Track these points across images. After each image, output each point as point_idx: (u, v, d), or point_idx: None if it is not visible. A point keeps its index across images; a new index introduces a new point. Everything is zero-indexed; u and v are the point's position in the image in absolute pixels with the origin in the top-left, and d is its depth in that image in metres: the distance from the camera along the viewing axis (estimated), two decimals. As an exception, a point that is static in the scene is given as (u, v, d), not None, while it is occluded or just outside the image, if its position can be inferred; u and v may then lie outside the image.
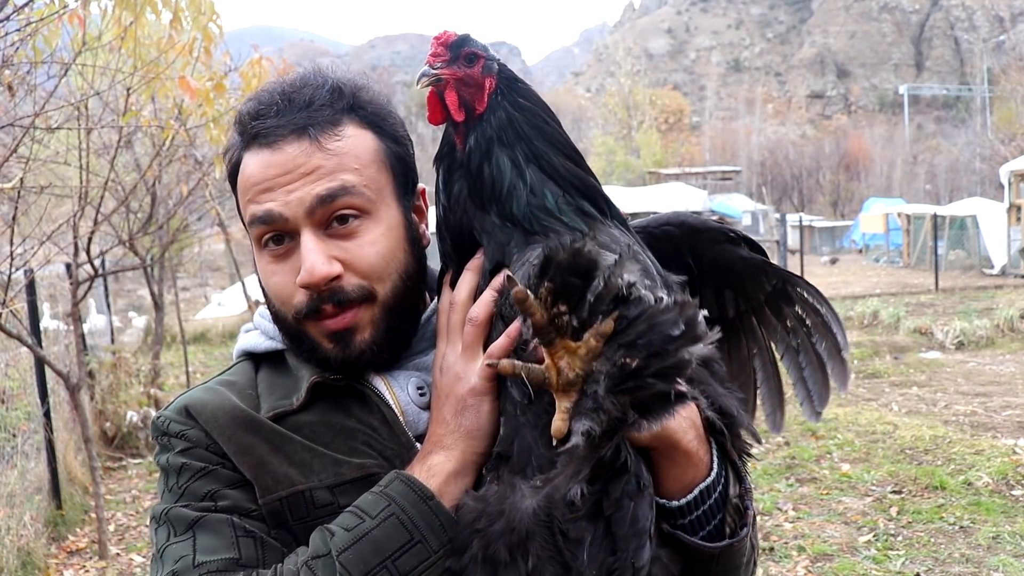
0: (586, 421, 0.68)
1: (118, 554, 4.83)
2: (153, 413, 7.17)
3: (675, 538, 0.83)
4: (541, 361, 0.72)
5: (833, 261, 26.79)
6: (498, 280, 0.87)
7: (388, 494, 0.83)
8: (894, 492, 5.18)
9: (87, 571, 4.59)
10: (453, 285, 0.94)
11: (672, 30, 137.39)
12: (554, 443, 0.73)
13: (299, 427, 0.93)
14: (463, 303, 0.90)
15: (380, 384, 0.97)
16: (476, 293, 0.91)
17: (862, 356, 9.92)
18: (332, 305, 0.92)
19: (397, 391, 0.97)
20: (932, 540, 4.42)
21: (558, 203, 0.86)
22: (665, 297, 0.67)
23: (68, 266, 5.55)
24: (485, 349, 0.87)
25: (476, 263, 0.91)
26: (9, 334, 4.28)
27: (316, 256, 0.90)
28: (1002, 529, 4.47)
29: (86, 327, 7.80)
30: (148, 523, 0.96)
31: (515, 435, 0.81)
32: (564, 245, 0.68)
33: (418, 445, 0.92)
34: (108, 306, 10.39)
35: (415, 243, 0.99)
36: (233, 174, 0.99)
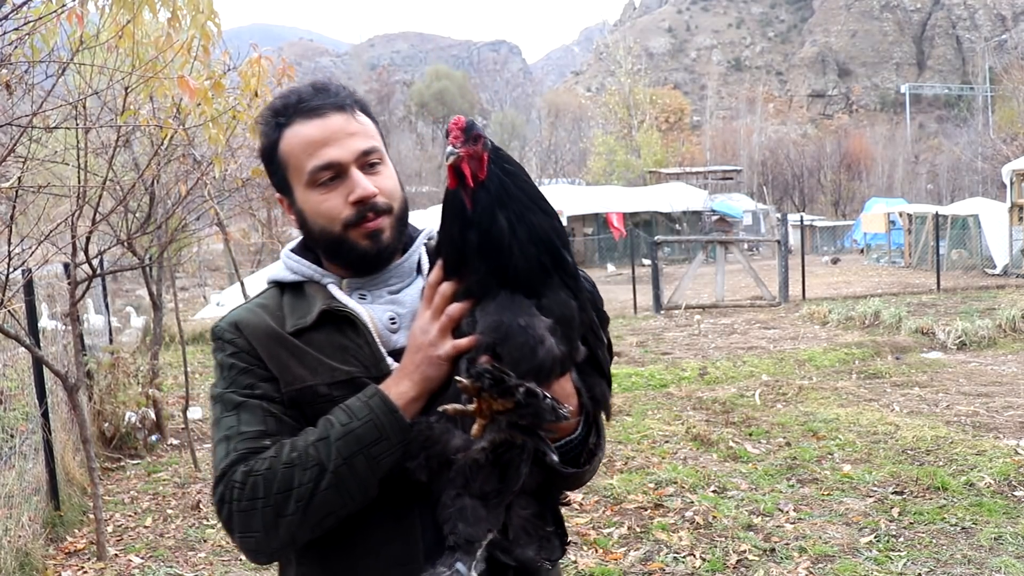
0: (492, 434, 1.19)
1: (116, 555, 4.81)
2: (151, 414, 7.17)
3: (545, 463, 1.29)
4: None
5: (834, 261, 26.78)
6: (467, 303, 1.28)
7: (370, 405, 1.26)
8: (896, 493, 5.16)
9: (85, 572, 4.57)
10: (442, 269, 1.31)
11: (673, 29, 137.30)
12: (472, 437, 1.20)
13: (311, 341, 1.35)
14: (447, 296, 1.29)
15: (364, 315, 1.38)
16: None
17: (863, 356, 9.91)
18: (372, 213, 1.38)
19: (376, 320, 1.39)
20: (934, 541, 4.40)
21: (532, 264, 1.21)
22: (548, 397, 1.14)
23: (66, 266, 5.53)
24: (453, 335, 1.29)
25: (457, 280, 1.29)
26: (7, 334, 4.26)
27: (366, 183, 1.37)
28: (1004, 530, 4.45)
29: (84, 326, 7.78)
30: (209, 400, 1.41)
31: (454, 400, 1.24)
32: (493, 369, 1.13)
33: (388, 359, 1.35)
34: (106, 306, 10.37)
35: (402, 186, 1.48)
36: (272, 148, 1.41)
